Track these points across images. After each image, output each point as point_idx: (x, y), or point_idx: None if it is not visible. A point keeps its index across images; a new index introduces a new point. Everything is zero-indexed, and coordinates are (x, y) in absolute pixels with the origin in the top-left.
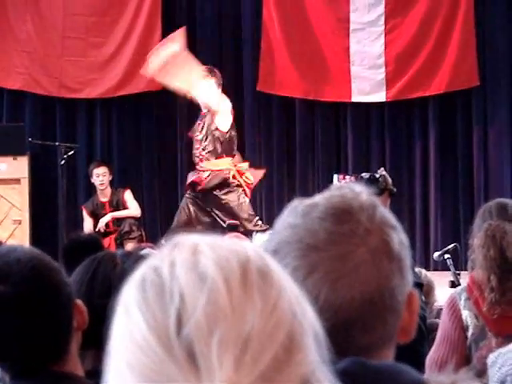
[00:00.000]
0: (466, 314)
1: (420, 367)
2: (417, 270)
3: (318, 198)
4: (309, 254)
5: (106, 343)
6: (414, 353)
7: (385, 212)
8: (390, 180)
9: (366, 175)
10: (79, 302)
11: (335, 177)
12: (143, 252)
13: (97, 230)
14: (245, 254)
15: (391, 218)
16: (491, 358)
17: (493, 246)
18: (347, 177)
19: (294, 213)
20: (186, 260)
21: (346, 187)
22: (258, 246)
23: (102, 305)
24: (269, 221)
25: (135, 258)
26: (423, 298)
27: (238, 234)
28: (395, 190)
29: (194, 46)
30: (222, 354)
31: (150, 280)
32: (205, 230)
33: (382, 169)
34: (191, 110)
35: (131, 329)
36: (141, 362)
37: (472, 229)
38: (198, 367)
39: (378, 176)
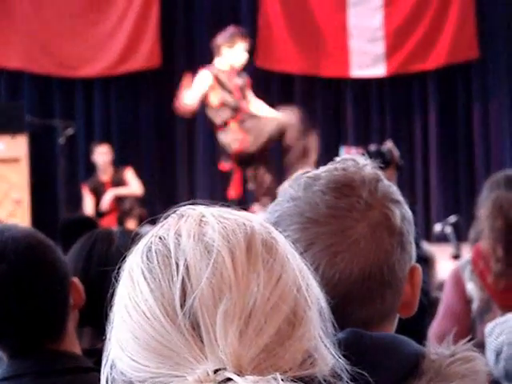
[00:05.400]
0: (471, 286)
1: (420, 341)
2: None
3: (321, 171)
4: (309, 228)
5: (104, 321)
6: (414, 327)
7: (388, 186)
8: (397, 153)
9: (372, 148)
10: (76, 279)
11: (341, 149)
12: (143, 230)
13: (99, 209)
14: (251, 226)
15: (395, 192)
16: (489, 327)
17: (500, 217)
18: (353, 149)
19: (296, 185)
20: (192, 231)
21: (349, 160)
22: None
23: (99, 282)
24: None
25: (132, 235)
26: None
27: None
28: (402, 163)
29: (191, 22)
30: (227, 326)
31: (156, 249)
32: None
33: (390, 141)
34: None
35: (136, 298)
36: (146, 333)
37: (479, 200)
38: (202, 339)
39: (384, 149)
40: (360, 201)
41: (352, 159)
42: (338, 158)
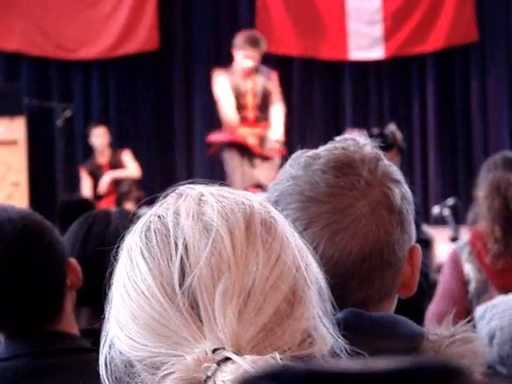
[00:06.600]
0: (469, 268)
1: (419, 323)
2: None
3: (321, 150)
4: (308, 206)
5: (102, 301)
6: (413, 308)
7: (388, 165)
8: (399, 136)
9: (375, 130)
10: (73, 260)
11: (344, 132)
12: (140, 211)
13: (97, 192)
14: (250, 206)
15: (395, 172)
16: (479, 311)
17: (497, 197)
18: (356, 131)
19: (296, 164)
20: (191, 210)
21: (349, 139)
22: (263, 197)
23: (97, 262)
24: None
25: (130, 216)
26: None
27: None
28: (404, 146)
29: (191, 8)
30: (225, 305)
31: (155, 228)
32: None
33: (392, 124)
34: (187, 69)
35: (135, 277)
36: (145, 312)
37: (477, 182)
38: (201, 318)
39: (387, 131)
40: (360, 179)
41: (352, 139)
42: (337, 138)
